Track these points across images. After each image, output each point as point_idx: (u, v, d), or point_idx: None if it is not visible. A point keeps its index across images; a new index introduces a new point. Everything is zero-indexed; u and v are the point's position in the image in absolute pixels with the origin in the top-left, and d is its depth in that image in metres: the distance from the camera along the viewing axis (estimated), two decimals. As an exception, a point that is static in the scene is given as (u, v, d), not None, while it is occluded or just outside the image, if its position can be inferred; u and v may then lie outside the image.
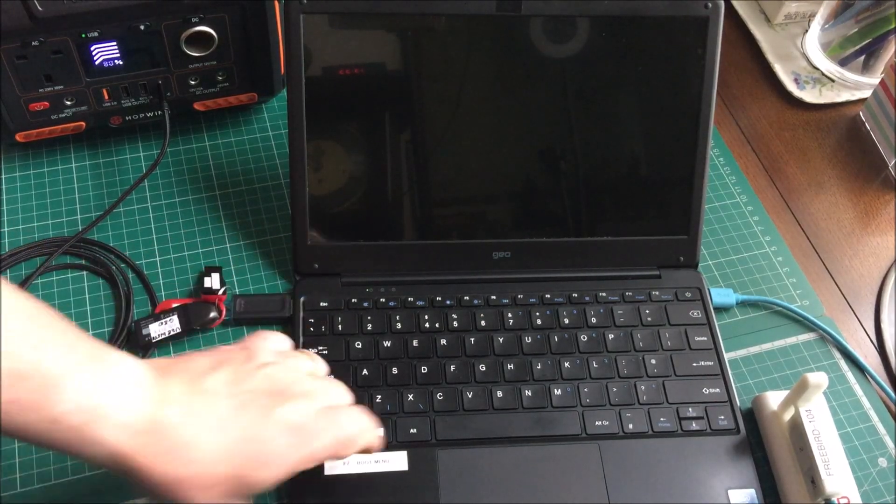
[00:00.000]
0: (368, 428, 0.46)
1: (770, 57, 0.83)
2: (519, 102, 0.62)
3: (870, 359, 0.64)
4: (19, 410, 0.37)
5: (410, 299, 0.61)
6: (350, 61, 0.59)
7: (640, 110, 0.63)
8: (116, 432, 0.38)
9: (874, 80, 0.79)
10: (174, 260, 0.64)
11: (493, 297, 0.61)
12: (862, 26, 0.79)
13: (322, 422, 0.44)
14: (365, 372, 0.57)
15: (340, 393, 0.47)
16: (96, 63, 0.61)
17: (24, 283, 0.61)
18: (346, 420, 0.45)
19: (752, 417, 0.59)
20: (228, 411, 0.41)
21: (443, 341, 0.59)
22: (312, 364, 0.49)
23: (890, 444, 0.59)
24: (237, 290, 0.63)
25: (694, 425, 0.57)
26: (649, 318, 0.62)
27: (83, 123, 0.65)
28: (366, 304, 0.60)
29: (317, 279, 0.61)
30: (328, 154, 0.61)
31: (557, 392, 0.58)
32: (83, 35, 0.59)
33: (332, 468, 0.53)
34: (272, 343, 0.48)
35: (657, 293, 0.63)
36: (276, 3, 0.63)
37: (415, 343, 0.59)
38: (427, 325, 0.60)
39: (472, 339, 0.60)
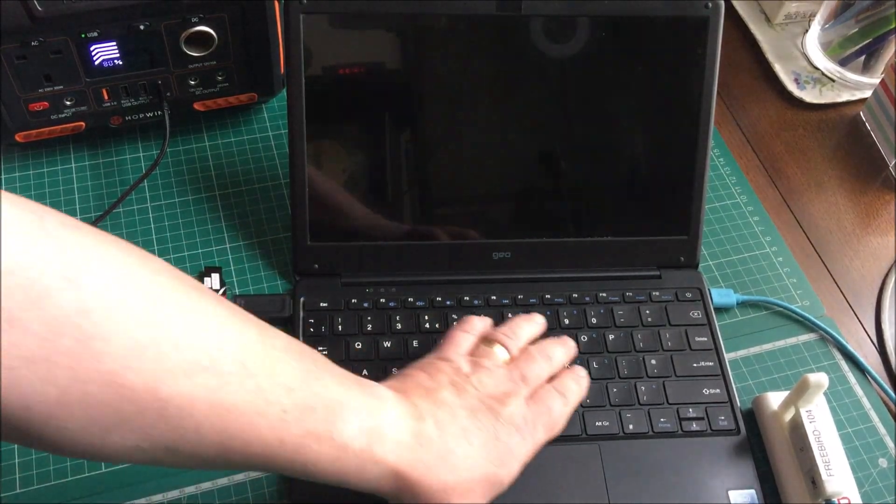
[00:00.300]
0: (568, 391, 0.49)
1: (770, 57, 0.83)
2: (519, 102, 0.62)
3: (870, 359, 0.64)
4: (312, 442, 0.38)
5: (410, 299, 0.61)
6: (350, 61, 0.59)
7: (640, 110, 0.63)
8: (395, 450, 0.41)
9: (874, 80, 0.79)
10: (174, 260, 0.64)
11: (493, 298, 0.61)
12: (862, 26, 0.78)
13: (534, 412, 0.47)
14: (365, 372, 0.57)
15: (534, 367, 0.49)
16: (96, 63, 0.61)
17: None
18: (551, 402, 0.48)
19: (753, 418, 0.59)
20: (468, 420, 0.44)
21: (443, 341, 0.59)
22: (508, 343, 0.50)
23: (890, 444, 0.59)
24: (237, 291, 0.63)
25: (694, 426, 0.57)
26: (649, 319, 0.62)
27: (83, 123, 0.65)
28: (366, 305, 0.60)
29: (317, 279, 0.61)
30: (328, 154, 0.60)
31: (557, 392, 0.58)
32: (83, 35, 0.59)
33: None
34: (464, 346, 0.50)
35: (657, 293, 0.63)
36: (276, 3, 0.63)
37: (415, 343, 0.59)
38: (427, 325, 0.60)
39: (473, 340, 0.59)
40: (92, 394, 0.32)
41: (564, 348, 0.52)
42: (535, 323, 0.54)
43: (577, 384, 0.51)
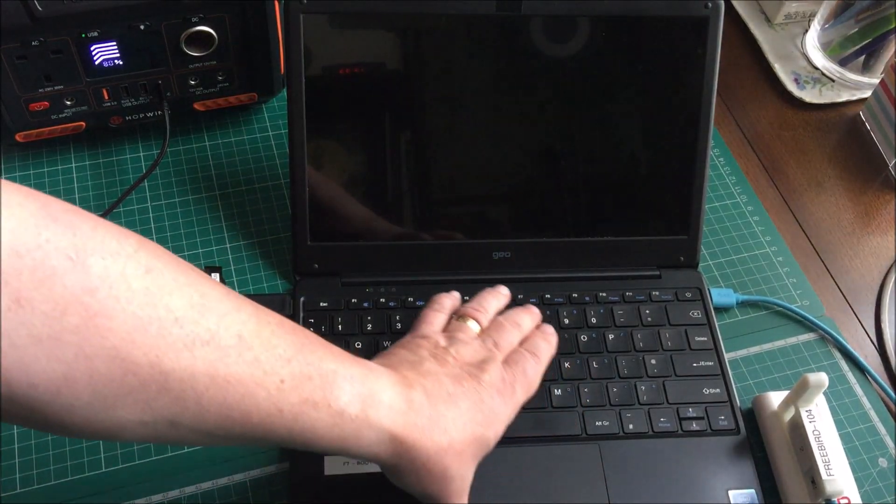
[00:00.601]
0: (539, 351, 0.52)
1: (770, 57, 0.83)
2: (519, 102, 0.62)
3: (870, 359, 0.64)
4: (309, 410, 0.39)
5: (410, 299, 0.61)
6: (350, 61, 0.59)
7: (641, 110, 0.63)
8: (389, 414, 0.42)
9: (874, 80, 0.79)
10: (174, 260, 0.64)
11: (494, 298, 0.61)
12: (862, 26, 0.78)
13: (511, 375, 0.49)
14: (365, 372, 0.57)
15: (505, 335, 0.52)
16: (96, 63, 0.61)
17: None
18: (525, 363, 0.50)
19: (753, 418, 0.59)
20: (453, 386, 0.46)
21: (443, 341, 0.59)
22: (478, 317, 0.53)
23: (890, 444, 0.59)
24: (237, 290, 0.63)
25: (694, 425, 0.57)
26: (649, 319, 0.62)
27: (83, 123, 0.65)
28: (366, 304, 0.60)
29: (317, 279, 0.61)
30: (328, 154, 0.60)
31: (557, 392, 0.58)
32: (83, 35, 0.59)
33: (332, 468, 0.53)
34: (438, 323, 0.53)
35: (657, 293, 0.63)
36: (276, 3, 0.63)
37: (415, 343, 0.59)
38: (427, 325, 0.60)
39: (473, 340, 0.59)
40: (97, 369, 0.33)
41: (530, 315, 0.55)
42: (500, 295, 0.57)
43: (547, 342, 0.53)
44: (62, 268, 0.32)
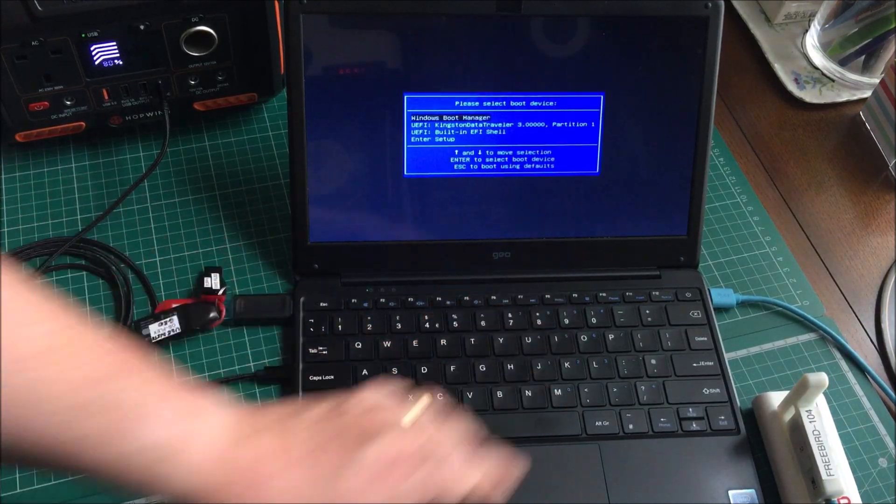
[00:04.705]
0: (477, 476, 0.43)
1: (770, 57, 0.83)
2: (519, 102, 0.62)
3: (870, 359, 0.64)
4: (93, 445, 0.35)
5: (410, 299, 0.61)
6: (350, 61, 0.59)
7: (641, 110, 0.63)
8: (186, 472, 0.37)
9: (874, 80, 0.79)
10: (174, 260, 0.64)
11: (494, 298, 0.61)
12: (862, 26, 0.78)
13: (413, 463, 0.41)
14: (365, 372, 0.57)
15: (451, 437, 0.43)
16: (96, 63, 0.61)
17: (23, 284, 0.61)
18: (446, 464, 0.42)
19: (753, 418, 0.59)
20: (305, 451, 0.40)
21: (443, 341, 0.59)
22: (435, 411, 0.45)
23: (890, 444, 0.59)
24: (237, 291, 0.63)
25: (694, 426, 0.57)
26: (649, 319, 0.62)
27: (83, 123, 0.65)
28: (366, 305, 0.60)
29: (317, 279, 0.61)
30: (328, 154, 0.60)
31: (557, 392, 0.58)
32: (83, 35, 0.59)
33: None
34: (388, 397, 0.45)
35: (657, 293, 0.63)
36: (276, 3, 0.63)
37: (415, 343, 0.59)
38: (427, 325, 0.60)
39: (472, 340, 0.59)
40: None
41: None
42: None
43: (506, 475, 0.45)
44: None
